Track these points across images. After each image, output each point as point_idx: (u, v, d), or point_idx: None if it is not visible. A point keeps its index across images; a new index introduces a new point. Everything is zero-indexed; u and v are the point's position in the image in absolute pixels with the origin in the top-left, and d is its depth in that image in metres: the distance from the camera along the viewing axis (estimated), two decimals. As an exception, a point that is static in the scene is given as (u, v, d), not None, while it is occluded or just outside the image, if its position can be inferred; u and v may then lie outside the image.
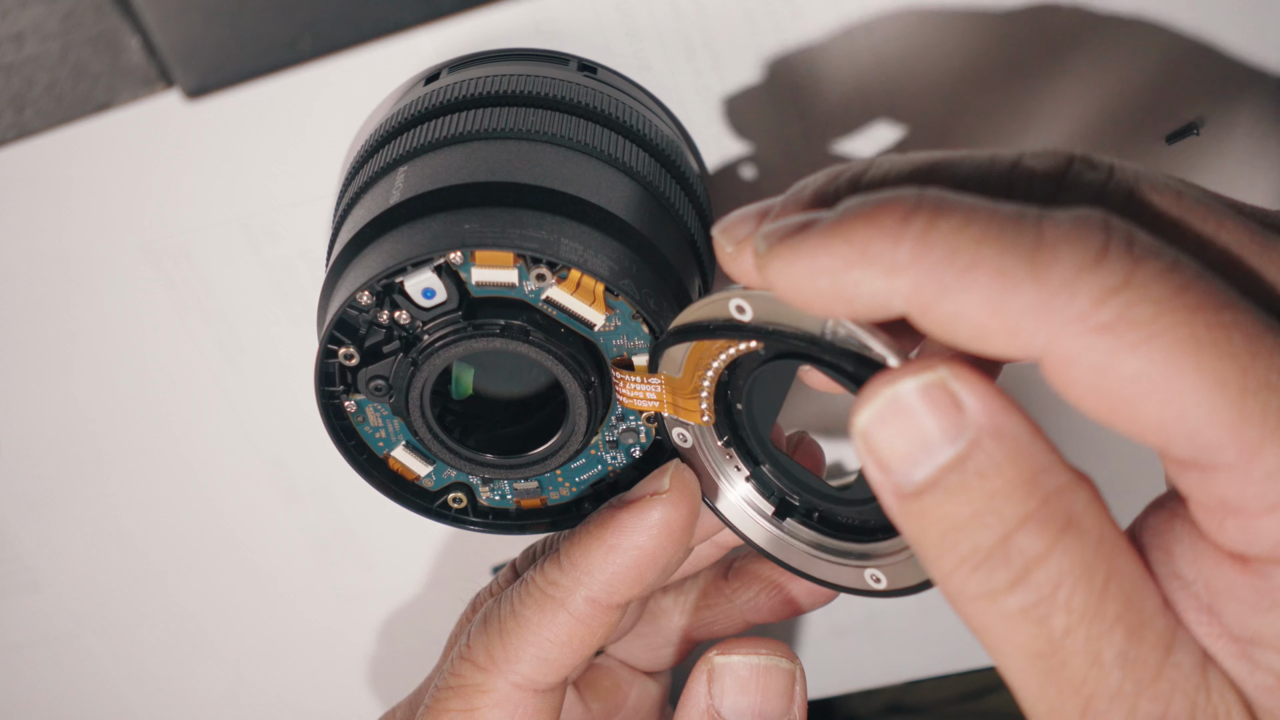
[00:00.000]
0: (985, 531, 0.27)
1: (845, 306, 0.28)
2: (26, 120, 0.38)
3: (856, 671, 0.59)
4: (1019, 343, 0.26)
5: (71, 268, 0.47)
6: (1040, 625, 0.27)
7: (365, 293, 0.36)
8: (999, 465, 0.27)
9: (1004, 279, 0.26)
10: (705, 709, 0.38)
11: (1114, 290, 0.25)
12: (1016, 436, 0.27)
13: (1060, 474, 0.27)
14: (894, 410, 0.28)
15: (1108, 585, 0.27)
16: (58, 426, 0.51)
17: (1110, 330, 0.25)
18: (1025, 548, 0.27)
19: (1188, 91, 0.43)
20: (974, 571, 0.27)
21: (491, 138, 0.39)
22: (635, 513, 0.37)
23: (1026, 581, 0.27)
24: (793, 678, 0.38)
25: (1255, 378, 0.25)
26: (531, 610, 0.38)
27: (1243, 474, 0.25)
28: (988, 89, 0.43)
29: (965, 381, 0.27)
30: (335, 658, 0.58)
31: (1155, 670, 0.27)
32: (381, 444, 0.40)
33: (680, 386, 0.36)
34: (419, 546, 0.55)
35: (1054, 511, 0.27)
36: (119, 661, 0.58)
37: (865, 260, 0.27)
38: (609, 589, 0.37)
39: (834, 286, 0.28)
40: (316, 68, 0.41)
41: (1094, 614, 0.27)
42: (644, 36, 0.43)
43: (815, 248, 0.28)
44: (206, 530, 0.54)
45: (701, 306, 0.33)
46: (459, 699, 0.38)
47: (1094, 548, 0.27)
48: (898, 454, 0.28)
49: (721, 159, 0.45)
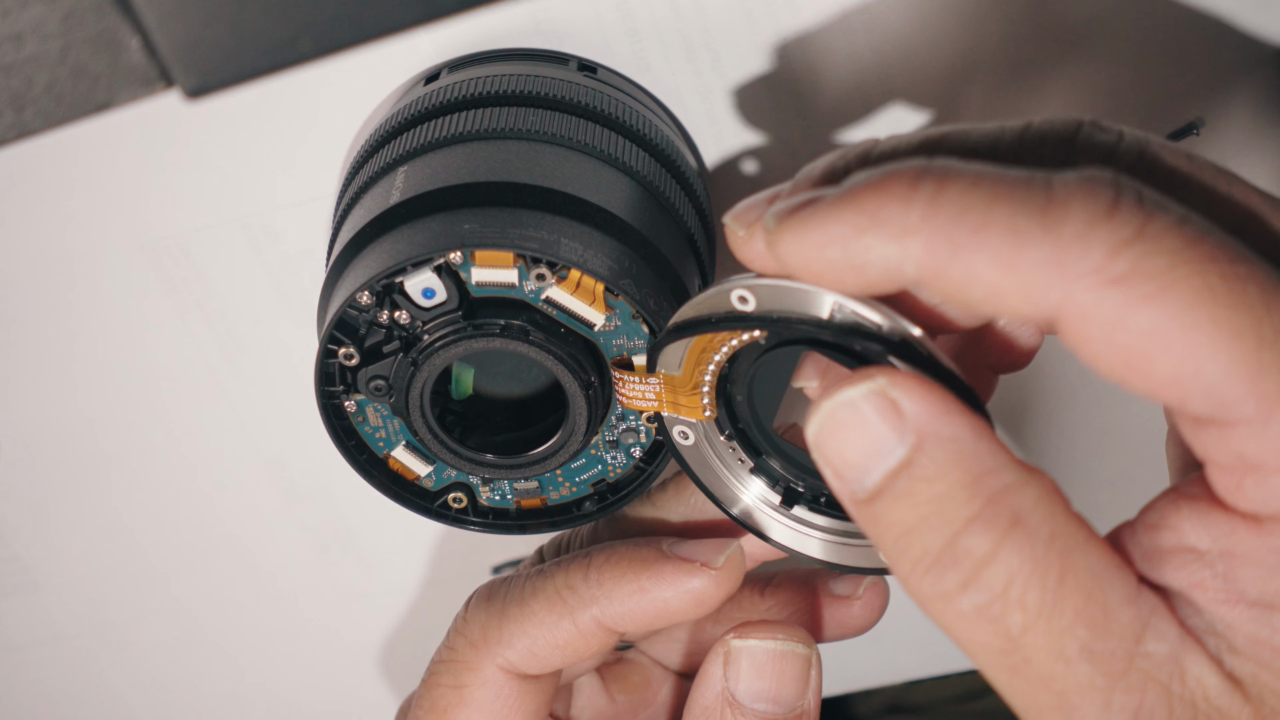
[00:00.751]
0: (933, 534, 0.27)
1: (857, 276, 0.28)
2: (26, 120, 0.38)
3: (856, 671, 0.59)
4: (1034, 299, 0.26)
5: (71, 268, 0.47)
6: (996, 624, 0.27)
7: (365, 293, 0.36)
8: (942, 469, 0.27)
9: (1016, 235, 0.26)
10: (720, 691, 0.37)
11: (1127, 242, 0.25)
12: (958, 439, 0.27)
13: (1006, 473, 0.27)
14: (837, 421, 0.28)
15: (1063, 580, 0.27)
16: (58, 426, 0.51)
17: (1125, 282, 0.25)
18: (973, 548, 0.27)
19: (1188, 87, 0.43)
20: (926, 574, 0.27)
21: (491, 138, 0.39)
22: (679, 570, 0.37)
23: (977, 582, 0.27)
24: (809, 663, 0.38)
25: (1271, 329, 0.25)
26: (539, 605, 0.38)
27: (1261, 428, 0.25)
28: (987, 88, 0.43)
29: (904, 388, 0.28)
30: (335, 657, 0.58)
31: (1125, 661, 0.27)
32: (381, 444, 0.40)
33: (680, 384, 0.36)
34: (419, 546, 0.55)
35: (999, 511, 0.27)
36: (119, 661, 0.58)
37: (876, 225, 0.27)
38: (620, 620, 0.37)
39: (846, 255, 0.28)
40: (316, 68, 0.41)
41: (1051, 610, 0.27)
42: (644, 36, 0.43)
43: (826, 217, 0.28)
44: (207, 530, 0.54)
45: (701, 301, 0.33)
46: (450, 674, 0.39)
47: (1044, 544, 0.27)
48: (848, 462, 0.28)
49: (721, 158, 0.45)
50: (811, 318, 0.31)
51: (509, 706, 0.38)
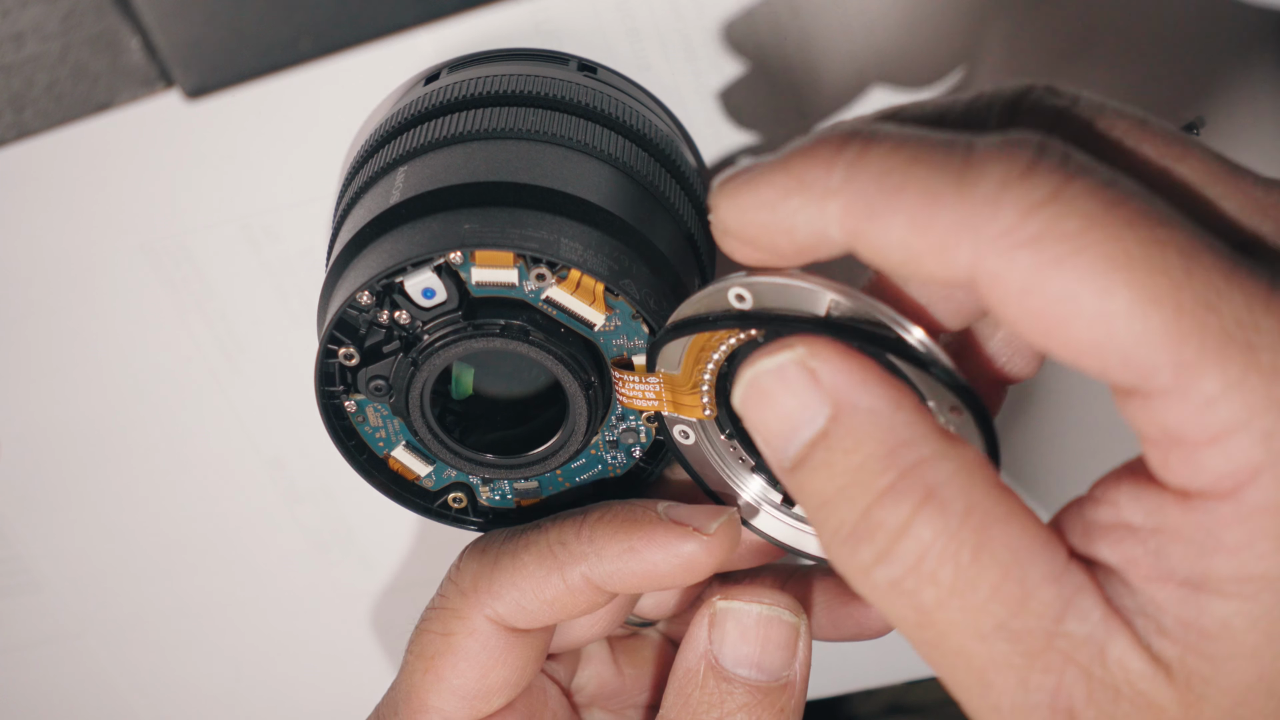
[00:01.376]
0: (849, 506, 0.27)
1: (787, 240, 0.28)
2: (26, 120, 0.38)
3: (856, 671, 0.59)
4: (947, 262, 0.26)
5: (71, 268, 0.47)
6: (910, 598, 0.27)
7: (365, 293, 0.36)
8: (858, 439, 0.27)
9: (930, 197, 0.26)
10: (703, 653, 0.37)
11: (1039, 204, 0.25)
12: (875, 410, 0.27)
13: (924, 445, 0.27)
14: (756, 391, 0.28)
15: (978, 556, 0.26)
16: (58, 426, 0.51)
17: (1034, 244, 0.25)
18: (886, 520, 0.27)
19: (1190, 85, 0.43)
20: (843, 545, 0.27)
21: (491, 138, 0.39)
22: (671, 534, 0.37)
23: (890, 555, 0.27)
24: (796, 632, 0.37)
25: (1190, 296, 0.24)
26: (530, 558, 0.38)
27: (1181, 398, 0.25)
28: (987, 87, 0.43)
29: (823, 357, 0.27)
30: (335, 657, 0.58)
31: (1044, 641, 0.26)
32: (381, 444, 0.40)
33: (680, 383, 0.36)
34: (419, 546, 0.55)
35: (913, 483, 0.27)
36: (119, 661, 0.58)
37: (801, 188, 0.27)
38: (608, 579, 0.37)
39: (774, 218, 0.28)
40: (316, 68, 0.41)
41: (966, 586, 0.26)
42: (644, 36, 0.43)
43: (756, 181, 0.28)
44: (207, 530, 0.54)
45: (699, 300, 0.34)
46: (439, 622, 0.38)
47: (959, 518, 0.26)
48: (771, 431, 0.28)
49: (721, 158, 0.45)
50: (808, 315, 0.31)
51: (495, 658, 0.38)
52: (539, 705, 0.41)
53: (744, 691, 0.37)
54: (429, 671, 0.38)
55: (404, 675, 0.39)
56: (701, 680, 0.37)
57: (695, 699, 0.37)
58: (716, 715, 0.36)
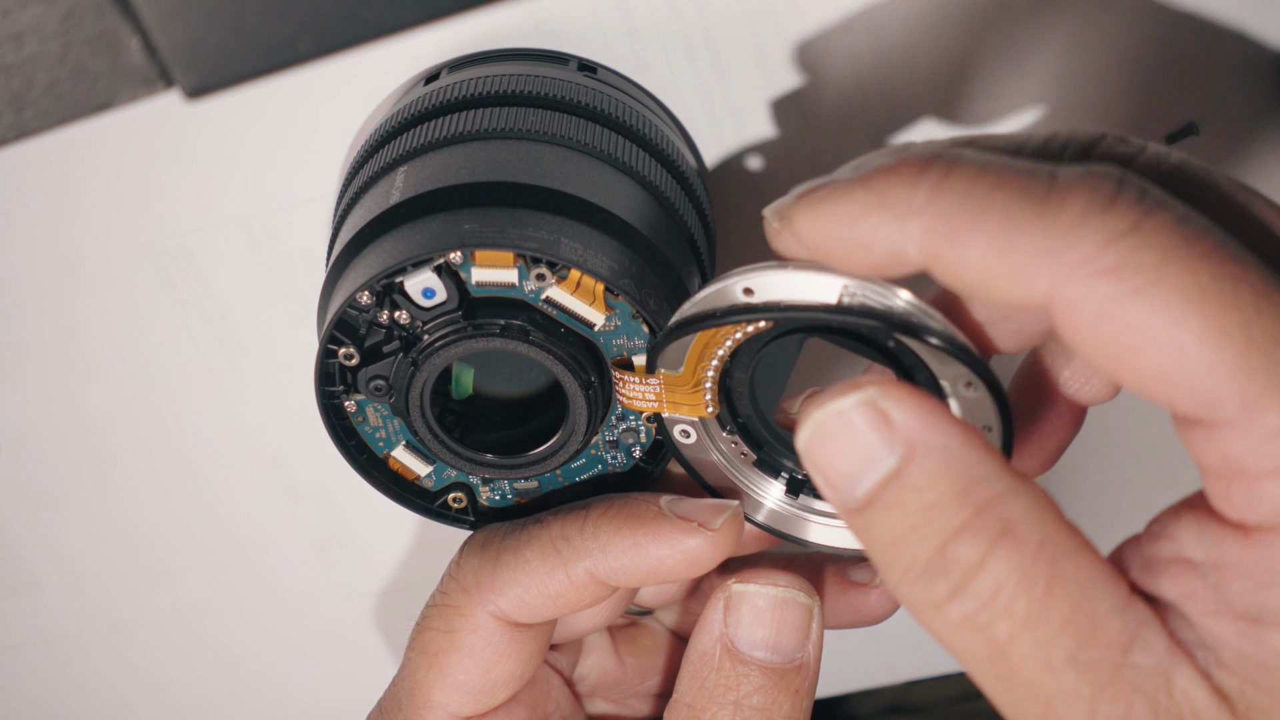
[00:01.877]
0: (923, 544, 0.27)
1: (864, 256, 0.29)
2: (26, 120, 0.38)
3: (857, 671, 0.59)
4: (1024, 286, 0.26)
5: (71, 268, 0.47)
6: (984, 632, 0.27)
7: (365, 293, 0.36)
8: (932, 478, 0.27)
9: (1012, 221, 0.26)
10: (719, 636, 0.37)
11: (1120, 235, 0.26)
12: (948, 449, 0.27)
13: (996, 482, 0.27)
14: (826, 432, 0.28)
15: (1050, 590, 0.27)
16: (58, 426, 0.51)
17: (1113, 274, 0.25)
18: (961, 557, 0.27)
19: (1186, 89, 0.43)
20: (916, 583, 0.27)
21: (491, 138, 0.39)
22: (675, 530, 0.37)
23: (965, 590, 0.27)
24: (810, 614, 0.37)
25: (1260, 331, 0.25)
26: (533, 554, 0.38)
27: (1245, 431, 0.25)
28: (988, 87, 0.43)
29: (895, 398, 0.28)
30: (335, 658, 0.58)
31: (1111, 672, 0.27)
32: (381, 444, 0.40)
33: (681, 382, 0.36)
34: (419, 546, 0.55)
35: (988, 520, 0.27)
36: (119, 661, 0.58)
37: (883, 205, 0.28)
38: (613, 574, 0.37)
39: (853, 234, 0.28)
40: (316, 68, 0.41)
41: (1038, 619, 0.27)
42: (644, 36, 0.43)
43: (837, 196, 0.29)
44: (206, 530, 0.54)
45: (703, 298, 0.34)
46: (441, 619, 0.39)
47: (1033, 553, 0.27)
48: (839, 472, 0.28)
49: (721, 158, 0.45)
50: (821, 303, 0.31)
51: (499, 654, 0.38)
52: (542, 697, 0.41)
53: (759, 673, 0.37)
54: (433, 668, 0.38)
55: (407, 672, 0.39)
56: (717, 663, 0.37)
57: (711, 681, 0.37)
58: (732, 698, 0.37)
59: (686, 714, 0.37)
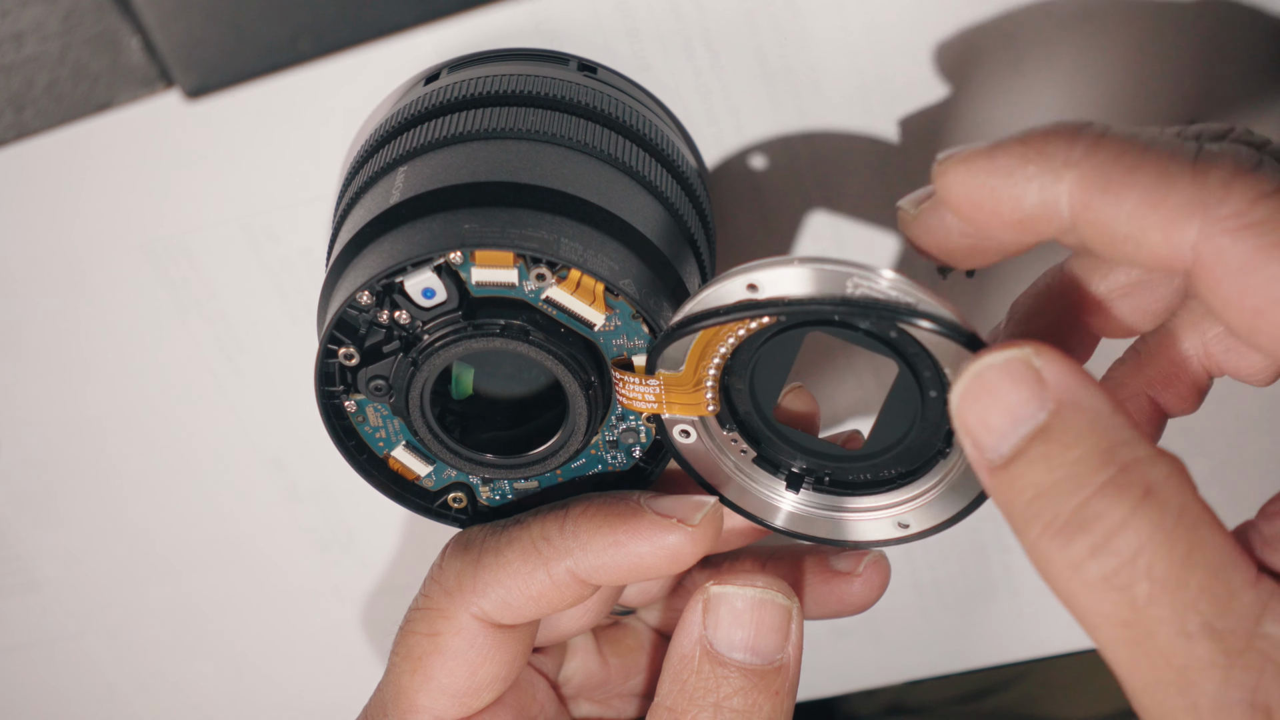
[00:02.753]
0: (1065, 498, 0.28)
1: (1013, 206, 0.30)
2: (26, 120, 0.38)
3: (857, 671, 0.59)
4: (1172, 240, 0.28)
5: (71, 268, 0.47)
6: (1122, 593, 0.27)
7: (365, 293, 0.36)
8: (1079, 434, 0.28)
9: (1165, 177, 0.28)
10: (698, 638, 0.37)
11: (1267, 194, 0.27)
12: (1096, 409, 0.28)
13: (1139, 447, 0.28)
14: (982, 386, 0.29)
15: (1190, 555, 0.27)
16: (58, 426, 0.51)
17: (1260, 228, 0.27)
18: (1104, 514, 0.27)
19: (1189, 83, 0.43)
20: (1055, 538, 0.28)
21: (491, 138, 0.39)
22: (654, 526, 0.37)
23: (1106, 548, 0.27)
24: (789, 615, 0.37)
25: None
26: (514, 555, 0.38)
27: None
28: (988, 87, 0.43)
29: (1047, 357, 0.29)
30: (335, 658, 0.58)
31: (1244, 641, 0.27)
32: (381, 444, 0.40)
33: (682, 382, 0.36)
34: (419, 546, 0.55)
35: (1132, 479, 0.28)
36: (119, 661, 0.58)
37: (1041, 157, 0.29)
38: (594, 572, 0.37)
39: (1008, 183, 0.30)
40: (316, 68, 0.41)
41: (1176, 582, 0.27)
42: (644, 36, 0.43)
43: (994, 150, 0.30)
44: (206, 530, 0.54)
45: (705, 297, 0.34)
46: (425, 622, 0.39)
47: (1175, 517, 0.27)
48: (987, 427, 0.29)
49: (721, 158, 0.45)
50: (829, 296, 0.32)
51: (483, 655, 0.38)
52: (527, 699, 0.41)
53: (739, 675, 0.37)
54: (417, 672, 0.39)
55: (391, 676, 0.40)
56: (697, 665, 0.37)
57: (691, 684, 0.37)
58: (713, 700, 0.37)
59: (667, 717, 0.37)
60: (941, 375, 0.33)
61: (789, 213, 0.46)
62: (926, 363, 0.34)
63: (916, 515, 0.37)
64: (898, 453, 0.36)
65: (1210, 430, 0.50)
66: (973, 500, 0.36)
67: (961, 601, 0.55)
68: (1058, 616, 0.55)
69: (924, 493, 0.36)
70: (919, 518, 0.37)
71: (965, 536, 0.53)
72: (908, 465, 0.36)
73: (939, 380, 0.34)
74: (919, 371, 0.34)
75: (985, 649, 0.57)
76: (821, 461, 0.38)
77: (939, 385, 0.34)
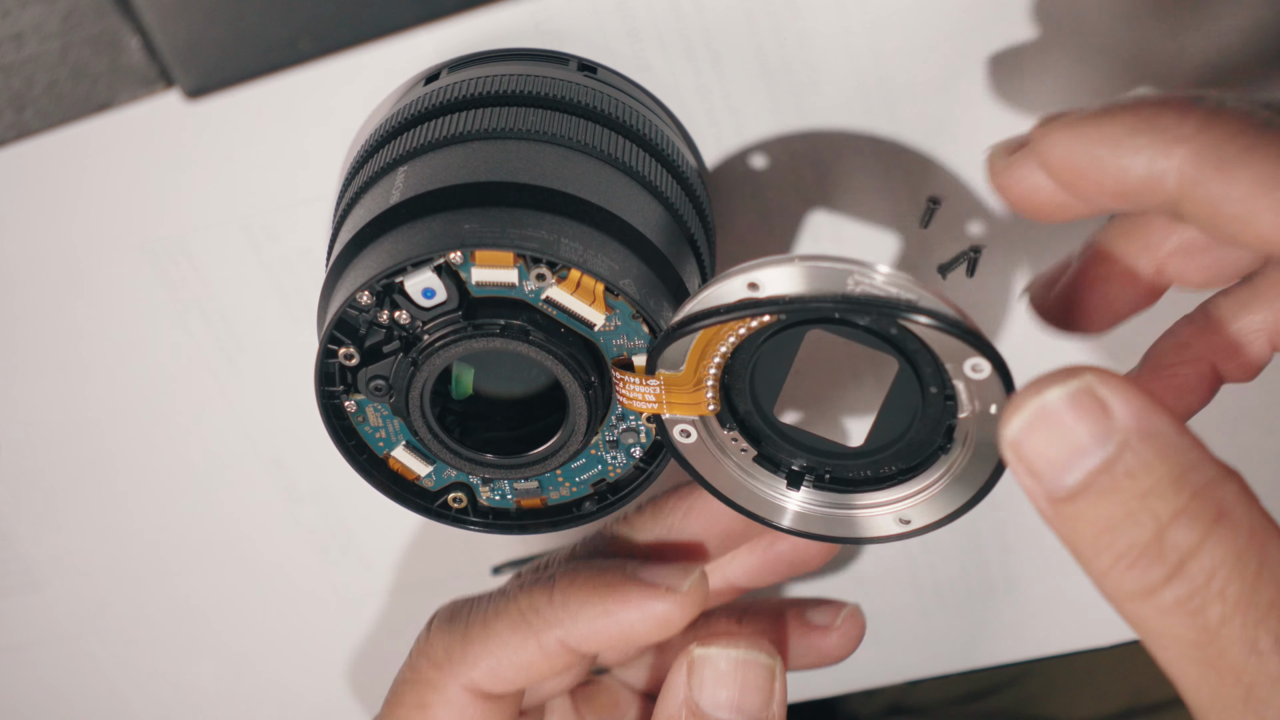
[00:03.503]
0: (1139, 529, 0.27)
1: (1117, 178, 0.29)
2: (26, 120, 0.38)
3: (857, 672, 0.59)
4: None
5: (71, 268, 0.47)
6: (1196, 616, 0.27)
7: (365, 293, 0.36)
8: (1148, 464, 0.28)
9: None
10: (684, 700, 0.38)
11: None
12: (1164, 435, 0.28)
13: (1208, 468, 0.28)
14: (1043, 418, 0.28)
15: (1261, 573, 0.27)
16: (58, 426, 0.51)
17: None
18: (1179, 541, 0.27)
19: (1189, 74, 0.43)
20: (1130, 568, 0.28)
21: (491, 138, 0.39)
22: (643, 595, 0.38)
23: (1182, 574, 0.27)
24: (772, 674, 0.38)
25: None
26: (503, 627, 0.38)
27: None
28: (988, 87, 0.43)
29: (1111, 386, 0.28)
30: (335, 658, 0.58)
31: None
32: (381, 444, 0.40)
33: (682, 381, 0.36)
34: (419, 546, 0.55)
35: (1205, 504, 0.27)
36: (119, 661, 0.58)
37: (1153, 129, 0.28)
38: (584, 641, 0.38)
39: (1114, 154, 0.29)
40: (316, 68, 0.41)
41: (1248, 601, 0.27)
42: (644, 36, 0.43)
43: (1103, 116, 0.29)
44: (206, 530, 0.54)
45: (706, 296, 0.34)
46: (414, 694, 0.39)
47: (1246, 537, 0.27)
48: (1049, 460, 0.28)
49: (721, 158, 0.45)
50: (830, 293, 0.32)
51: None
52: None
53: None
54: None
55: None
56: None
57: None
58: None
59: None
60: (942, 371, 0.34)
61: (789, 213, 0.46)
62: (927, 359, 0.34)
63: (918, 511, 0.37)
64: (898, 449, 0.36)
65: (1208, 430, 0.50)
66: (974, 495, 0.36)
67: (961, 601, 0.55)
68: (1058, 616, 0.55)
69: (925, 488, 0.37)
70: (920, 513, 0.37)
71: (965, 536, 0.53)
72: (908, 461, 0.37)
73: (939, 376, 0.34)
74: (920, 368, 0.34)
75: (985, 649, 0.57)
76: (822, 459, 0.38)
77: (939, 381, 0.34)
